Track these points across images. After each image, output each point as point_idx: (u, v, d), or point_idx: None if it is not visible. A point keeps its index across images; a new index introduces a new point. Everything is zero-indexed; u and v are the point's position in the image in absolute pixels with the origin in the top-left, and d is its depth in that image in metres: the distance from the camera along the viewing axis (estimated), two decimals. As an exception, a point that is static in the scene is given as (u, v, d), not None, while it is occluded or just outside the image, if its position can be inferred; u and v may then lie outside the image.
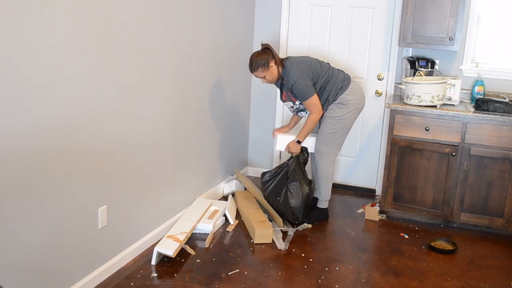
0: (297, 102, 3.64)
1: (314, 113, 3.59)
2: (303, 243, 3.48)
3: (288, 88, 3.58)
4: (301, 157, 3.73)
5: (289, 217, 3.67)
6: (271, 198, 3.73)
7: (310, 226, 3.74)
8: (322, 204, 3.87)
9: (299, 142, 3.70)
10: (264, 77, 3.54)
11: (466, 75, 4.09)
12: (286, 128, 3.95)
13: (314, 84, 3.56)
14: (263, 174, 3.81)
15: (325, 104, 3.64)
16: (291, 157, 3.75)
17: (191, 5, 3.45)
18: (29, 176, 2.25)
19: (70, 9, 2.36)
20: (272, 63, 3.50)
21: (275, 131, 3.91)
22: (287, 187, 3.66)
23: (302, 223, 3.70)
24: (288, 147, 3.74)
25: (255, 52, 3.58)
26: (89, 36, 2.51)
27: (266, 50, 3.54)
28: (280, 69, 3.56)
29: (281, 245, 3.39)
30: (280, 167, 3.75)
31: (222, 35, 3.96)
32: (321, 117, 3.70)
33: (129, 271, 2.98)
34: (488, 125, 3.59)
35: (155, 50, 3.10)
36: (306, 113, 3.69)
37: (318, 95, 3.58)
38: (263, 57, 3.49)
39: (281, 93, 3.75)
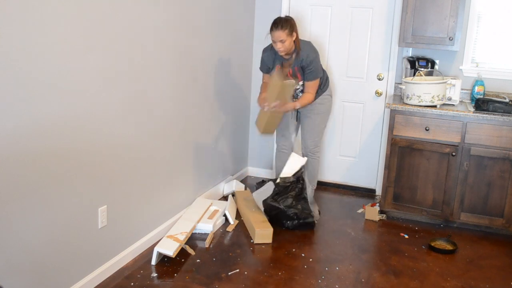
0: (301, 83, 3.62)
1: (312, 93, 3.63)
2: (303, 243, 3.48)
3: (302, 64, 3.52)
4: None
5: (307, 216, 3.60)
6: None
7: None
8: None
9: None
10: (282, 41, 3.41)
11: (466, 75, 4.09)
12: (263, 93, 3.66)
13: None
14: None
15: (317, 93, 3.70)
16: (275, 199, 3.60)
17: (192, 5, 3.45)
18: (29, 176, 2.25)
19: (71, 10, 2.36)
20: (295, 33, 3.46)
21: (260, 100, 3.62)
22: (287, 214, 3.58)
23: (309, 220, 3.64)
24: (282, 105, 3.51)
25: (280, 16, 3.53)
26: (89, 37, 2.51)
27: (291, 19, 3.47)
28: (297, 44, 3.50)
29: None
30: (275, 207, 3.59)
31: (222, 35, 3.96)
32: (307, 113, 3.76)
33: (129, 271, 2.98)
34: (488, 125, 3.58)
35: (156, 50, 3.10)
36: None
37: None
38: (291, 22, 3.42)
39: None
